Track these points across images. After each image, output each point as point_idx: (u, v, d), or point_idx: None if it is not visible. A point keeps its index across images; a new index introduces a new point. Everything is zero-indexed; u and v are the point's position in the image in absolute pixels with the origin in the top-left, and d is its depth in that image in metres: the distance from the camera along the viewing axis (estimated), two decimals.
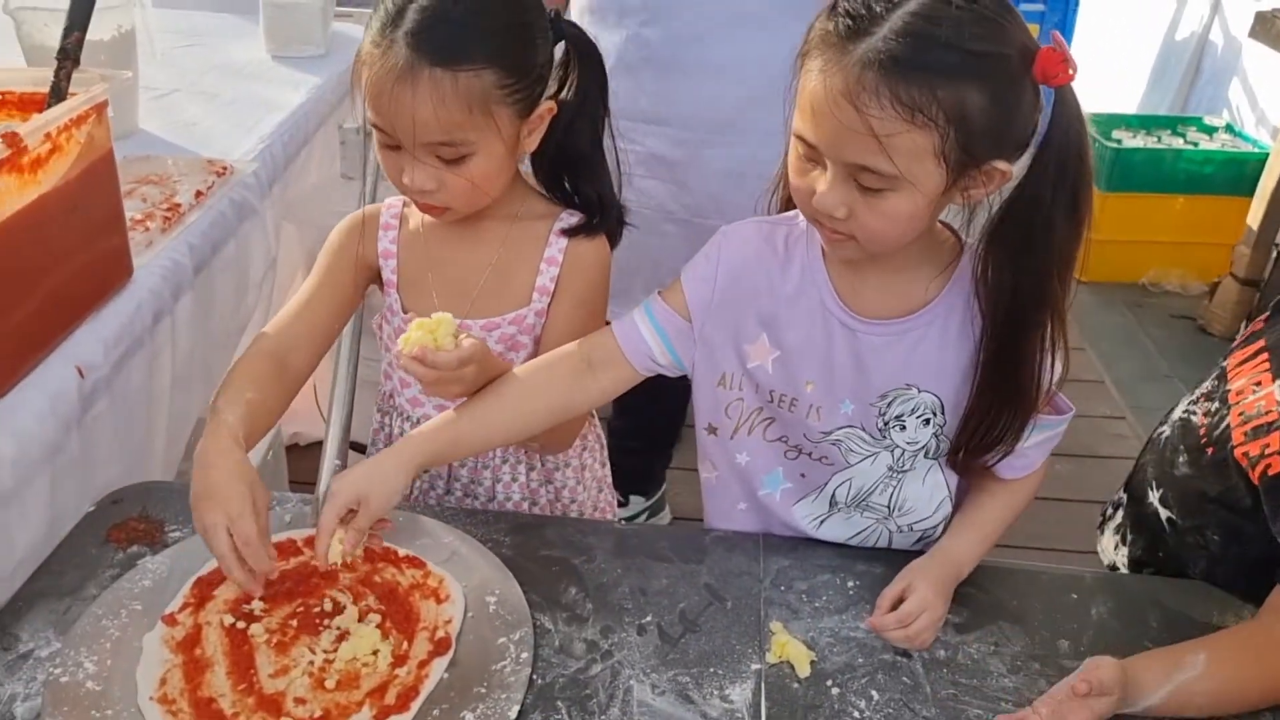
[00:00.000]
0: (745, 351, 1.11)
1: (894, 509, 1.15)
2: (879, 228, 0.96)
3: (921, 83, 0.86)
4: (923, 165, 0.90)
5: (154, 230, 1.44)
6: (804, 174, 0.97)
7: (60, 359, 1.17)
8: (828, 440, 1.11)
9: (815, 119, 0.92)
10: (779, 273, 1.09)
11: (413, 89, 1.02)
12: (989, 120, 0.89)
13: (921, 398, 1.08)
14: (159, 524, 1.16)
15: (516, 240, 1.20)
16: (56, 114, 1.14)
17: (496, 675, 0.98)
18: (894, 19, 0.87)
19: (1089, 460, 2.64)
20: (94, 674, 0.96)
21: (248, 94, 2.05)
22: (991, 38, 0.88)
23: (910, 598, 1.04)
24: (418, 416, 1.25)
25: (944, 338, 1.06)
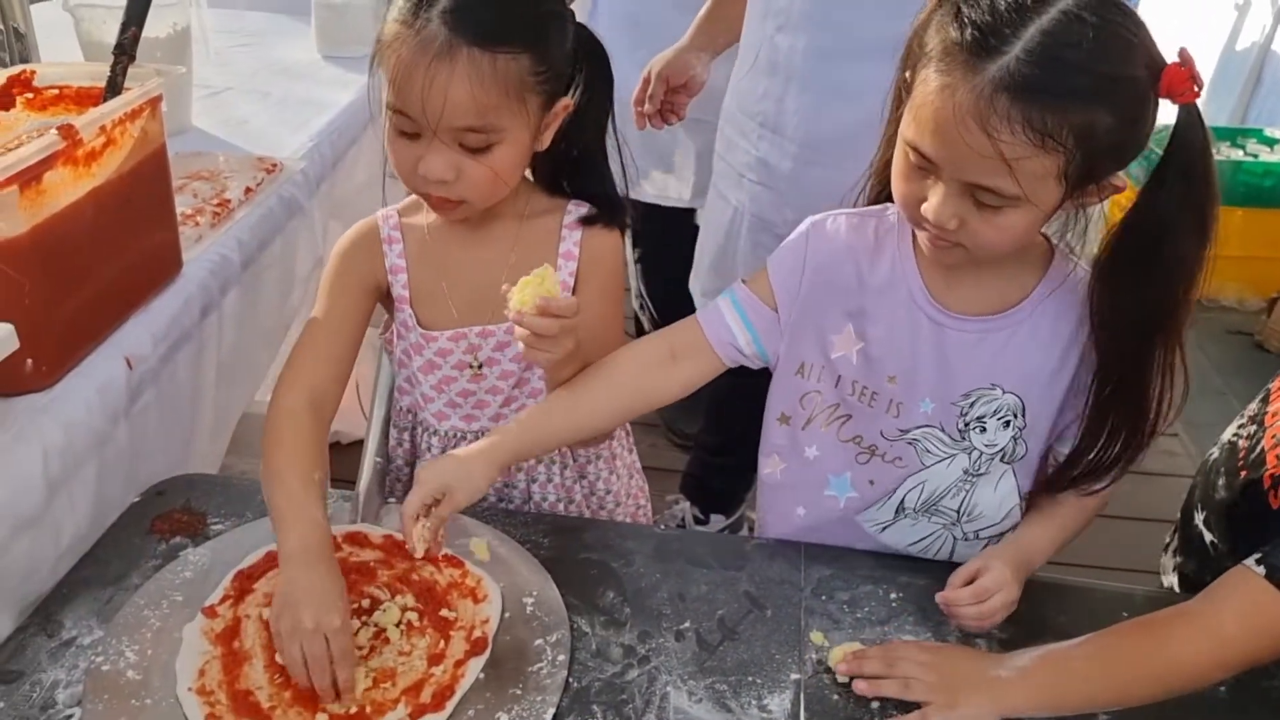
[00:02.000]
0: (830, 342, 1.10)
1: (963, 514, 1.13)
2: (992, 239, 0.94)
3: (1055, 109, 0.85)
4: (1045, 185, 0.89)
5: (204, 225, 1.45)
6: (914, 180, 0.95)
7: (109, 350, 1.18)
8: (904, 439, 1.09)
9: (938, 136, 0.90)
10: (868, 264, 1.08)
11: (450, 68, 0.98)
12: (1114, 140, 0.88)
13: (1005, 399, 1.06)
14: (201, 516, 1.17)
15: (529, 238, 1.17)
16: (111, 108, 1.15)
17: (533, 677, 0.97)
18: (1028, 37, 0.85)
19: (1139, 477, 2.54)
20: (134, 663, 0.97)
21: (298, 93, 2.07)
22: (1123, 58, 0.86)
23: (986, 575, 1.01)
24: (445, 429, 1.23)
25: (1033, 339, 1.04)
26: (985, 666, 0.96)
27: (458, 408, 1.22)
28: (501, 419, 1.21)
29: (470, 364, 1.18)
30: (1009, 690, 0.94)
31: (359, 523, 1.15)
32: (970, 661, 0.99)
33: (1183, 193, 0.90)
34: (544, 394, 1.18)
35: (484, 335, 1.17)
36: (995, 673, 0.95)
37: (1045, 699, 0.94)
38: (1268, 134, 3.65)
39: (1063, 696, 0.94)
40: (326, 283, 1.17)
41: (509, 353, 1.17)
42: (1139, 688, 0.94)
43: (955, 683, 0.95)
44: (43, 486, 1.05)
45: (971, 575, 1.02)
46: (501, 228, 1.17)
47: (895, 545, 1.16)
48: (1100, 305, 0.98)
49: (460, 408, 1.21)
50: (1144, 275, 0.94)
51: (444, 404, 1.22)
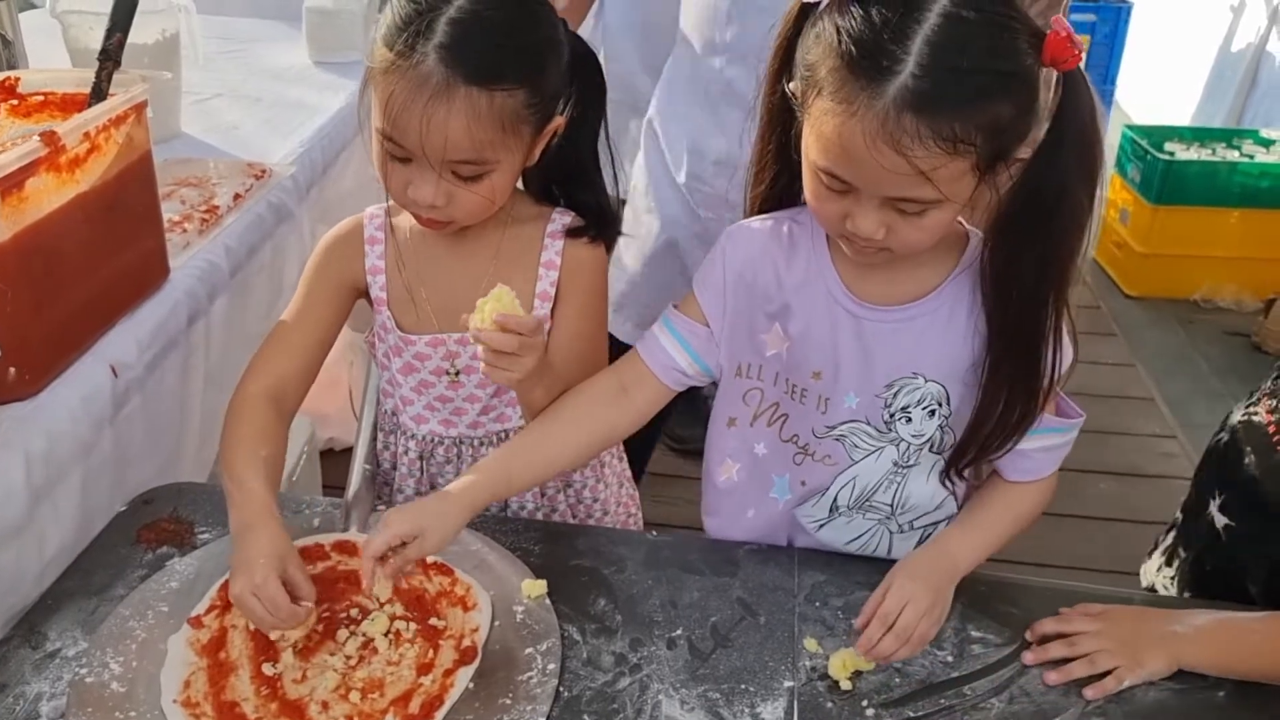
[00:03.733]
0: (762, 341, 1.10)
1: (897, 508, 1.12)
2: (918, 239, 0.95)
3: (960, 115, 0.86)
4: (962, 182, 0.90)
5: (191, 232, 1.44)
6: (832, 201, 0.95)
7: (94, 358, 1.17)
8: (832, 435, 1.09)
9: (851, 162, 0.90)
10: (784, 264, 1.08)
11: (447, 108, 0.97)
12: (1018, 123, 0.89)
13: (928, 388, 1.05)
14: (189, 525, 1.16)
15: (511, 247, 1.16)
16: (95, 114, 1.14)
17: (522, 686, 0.96)
18: (916, 51, 0.85)
19: (1136, 479, 2.58)
20: (119, 675, 0.96)
21: (289, 99, 2.06)
22: (1011, 48, 0.87)
23: (886, 599, 1.01)
24: (423, 433, 1.22)
25: (950, 324, 1.04)
26: (1160, 623, 1.02)
27: (436, 412, 1.21)
28: (479, 426, 1.20)
29: (448, 370, 1.17)
30: (1187, 645, 1.00)
31: (348, 531, 1.14)
32: (1143, 620, 1.03)
33: (1076, 157, 0.91)
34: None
35: (462, 343, 1.16)
36: (1171, 628, 1.01)
37: (1217, 660, 1.00)
38: (1263, 135, 3.64)
39: (1236, 661, 1.00)
40: (305, 277, 1.17)
41: None
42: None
43: (1136, 642, 1.00)
44: (26, 496, 1.04)
45: (877, 603, 1.01)
46: (483, 235, 1.15)
47: (834, 543, 1.16)
48: (992, 270, 0.98)
49: (439, 412, 1.21)
50: (1038, 237, 0.95)
51: (423, 407, 1.21)
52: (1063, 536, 2.34)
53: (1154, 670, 0.99)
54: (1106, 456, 2.60)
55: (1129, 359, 3.14)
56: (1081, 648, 1.01)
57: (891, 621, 0.99)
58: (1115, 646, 1.00)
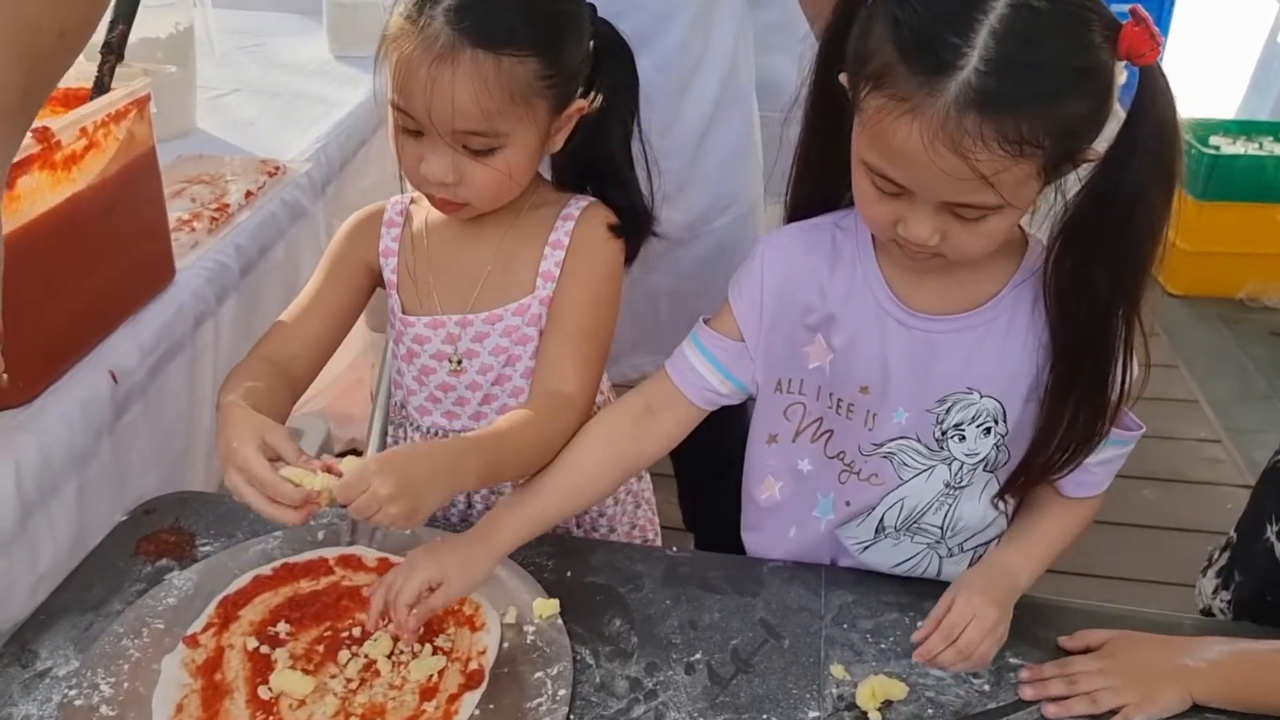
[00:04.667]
0: (805, 354, 1.04)
1: (947, 530, 1.06)
2: (976, 247, 0.89)
3: (1027, 116, 0.79)
4: (1026, 186, 0.84)
5: (200, 231, 1.40)
6: (884, 204, 0.89)
7: (93, 363, 1.13)
8: (880, 453, 1.02)
9: (908, 165, 0.84)
10: (828, 274, 1.02)
11: (452, 70, 0.95)
12: (1089, 123, 0.83)
13: (983, 404, 0.99)
14: (190, 537, 1.11)
15: (520, 229, 1.12)
16: (93, 109, 1.10)
17: (531, 714, 0.91)
18: (981, 44, 0.78)
19: (1180, 486, 2.49)
20: (109, 698, 0.91)
21: (308, 93, 2.02)
22: (1084, 44, 0.80)
23: (952, 611, 0.95)
24: (427, 425, 1.18)
25: (1009, 336, 0.97)
26: (1171, 655, 0.95)
27: (439, 403, 1.16)
28: (482, 417, 1.16)
29: (450, 356, 1.13)
30: (1200, 679, 0.93)
31: (353, 545, 1.09)
32: (1152, 651, 0.96)
33: (1153, 159, 0.84)
34: (525, 393, 1.13)
35: (462, 324, 1.12)
36: (1183, 661, 0.94)
37: (1236, 696, 0.93)
38: None
39: (1254, 696, 0.93)
40: (324, 257, 1.16)
41: (488, 345, 1.12)
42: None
43: (1146, 677, 0.93)
44: (16, 507, 1.00)
45: (940, 615, 0.96)
46: (497, 221, 1.11)
47: (879, 567, 1.09)
48: (1058, 280, 0.91)
49: (441, 403, 1.16)
50: (1109, 245, 0.88)
51: (425, 398, 1.17)
52: (1105, 545, 2.25)
53: (1166, 705, 0.91)
54: (1149, 462, 2.51)
55: (1172, 360, 3.04)
56: (1082, 685, 0.93)
57: (955, 636, 0.93)
58: (1123, 683, 0.93)
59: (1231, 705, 0.92)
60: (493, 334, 1.12)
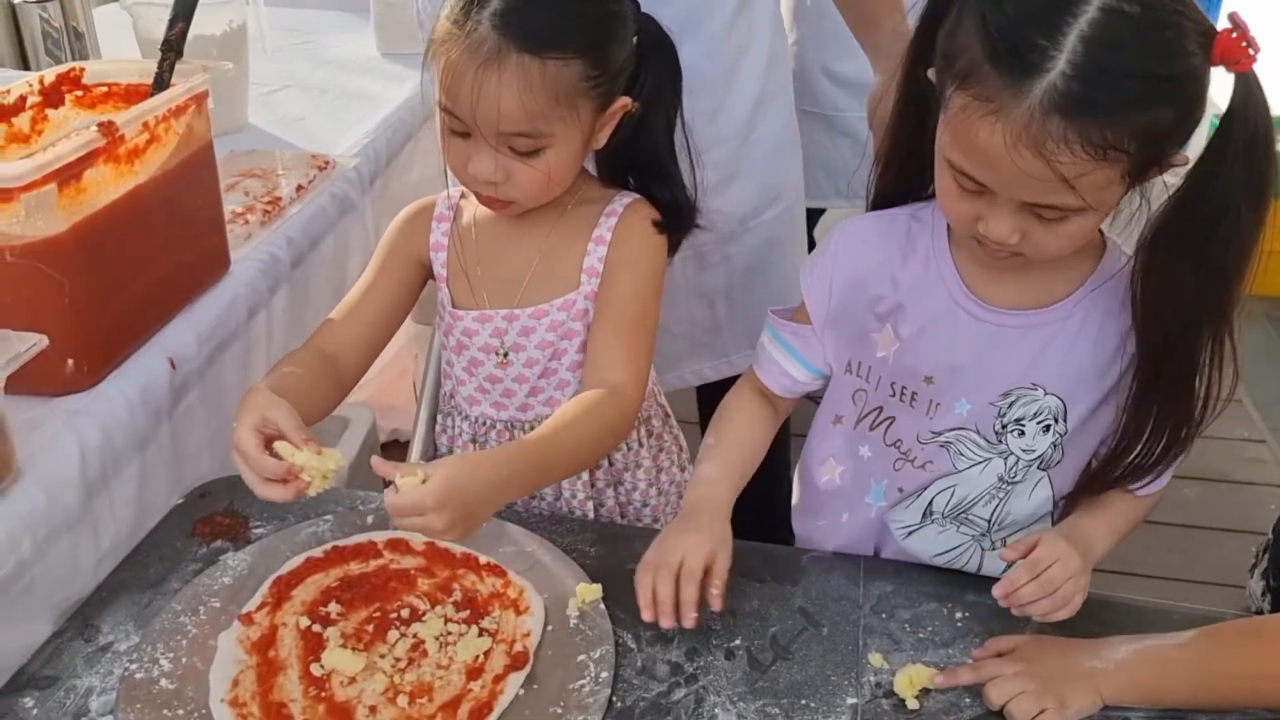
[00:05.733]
0: (873, 341, 1.06)
1: (994, 524, 1.07)
2: (1056, 247, 0.90)
3: (1112, 121, 0.79)
4: (1109, 190, 0.85)
5: (253, 223, 1.44)
6: (966, 201, 0.90)
7: (152, 350, 1.16)
8: (937, 441, 1.04)
9: (989, 165, 0.84)
10: (901, 263, 1.03)
11: (498, 74, 0.97)
12: (1177, 129, 0.82)
13: (1046, 400, 0.99)
14: (244, 519, 1.15)
15: (565, 225, 1.14)
16: (155, 104, 1.13)
17: (574, 695, 0.93)
18: (1069, 48, 0.78)
19: (1223, 485, 2.47)
20: (169, 671, 0.95)
21: (356, 90, 2.06)
22: (1176, 51, 0.80)
23: (1038, 548, 0.93)
24: (475, 415, 1.21)
25: (1080, 337, 0.97)
26: (1080, 658, 0.93)
27: (487, 393, 1.19)
28: (529, 409, 1.19)
29: (496, 350, 1.16)
30: (1108, 681, 0.92)
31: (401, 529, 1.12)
32: (1062, 655, 0.94)
33: (1244, 169, 0.83)
34: (571, 386, 1.15)
35: (510, 319, 1.15)
36: (1092, 664, 0.93)
37: (1144, 695, 0.92)
38: None
39: (1160, 694, 0.92)
40: (377, 250, 1.19)
41: (534, 339, 1.15)
42: (1239, 698, 0.92)
43: (1058, 681, 0.91)
44: (80, 488, 1.03)
45: (1024, 551, 0.94)
46: (543, 216, 1.14)
47: (920, 554, 1.10)
48: (1144, 289, 0.91)
49: (489, 394, 1.19)
50: (1197, 257, 0.87)
51: (474, 389, 1.20)
52: (1147, 545, 2.24)
53: (1079, 709, 0.90)
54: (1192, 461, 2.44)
55: None
56: (995, 697, 0.91)
57: (1040, 571, 0.92)
58: (1038, 686, 0.90)
59: (1140, 703, 0.92)
60: (538, 328, 1.14)
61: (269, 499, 0.94)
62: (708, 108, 1.34)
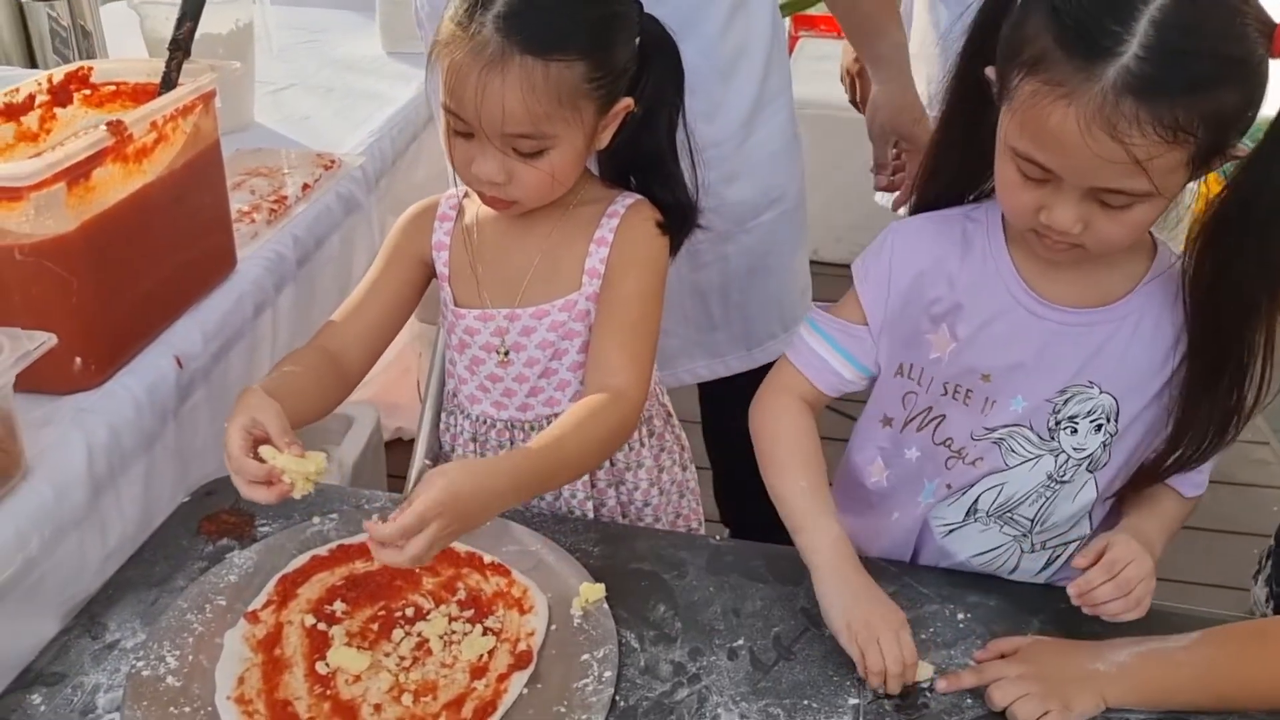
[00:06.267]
0: (927, 342, 1.06)
1: (1037, 524, 1.07)
2: (1120, 236, 0.90)
3: (1184, 103, 0.81)
4: (1176, 175, 0.85)
5: (260, 222, 1.44)
6: (1029, 190, 0.90)
7: (159, 348, 1.17)
8: (990, 438, 1.04)
9: (1059, 148, 0.85)
10: (957, 264, 1.03)
11: (502, 76, 0.97)
12: (1241, 115, 0.84)
13: (1100, 399, 1.00)
14: (249, 518, 1.15)
15: (567, 225, 1.14)
16: (163, 103, 1.14)
17: (578, 694, 0.94)
18: (1141, 31, 0.80)
19: (1226, 487, 2.46)
20: (175, 669, 0.95)
21: (362, 89, 2.06)
22: (1241, 33, 0.82)
23: (1111, 549, 0.94)
24: (476, 414, 1.21)
25: (1136, 335, 0.98)
26: (1083, 660, 0.94)
27: (487, 392, 1.20)
28: (529, 409, 1.19)
29: (497, 348, 1.16)
30: (1112, 685, 0.92)
31: None
32: (1065, 657, 0.95)
33: None
34: (572, 386, 1.16)
35: (511, 319, 1.15)
36: (1095, 666, 0.93)
37: (1147, 698, 0.93)
38: None
39: (1165, 696, 0.93)
40: (381, 249, 1.20)
41: (535, 339, 1.15)
42: (1244, 699, 0.93)
43: (1061, 684, 0.92)
44: (88, 486, 1.04)
45: (1095, 557, 0.95)
46: (545, 216, 1.14)
47: (958, 554, 1.11)
48: (1197, 285, 0.92)
49: (490, 393, 1.20)
50: (1252, 251, 0.88)
51: (475, 387, 1.20)
52: None
53: (1083, 711, 0.91)
54: None
55: None
56: (998, 699, 0.92)
57: (1116, 572, 0.93)
58: (1042, 689, 0.91)
59: (1143, 706, 0.92)
60: (539, 328, 1.14)
61: (254, 500, 0.95)
62: (704, 108, 1.35)
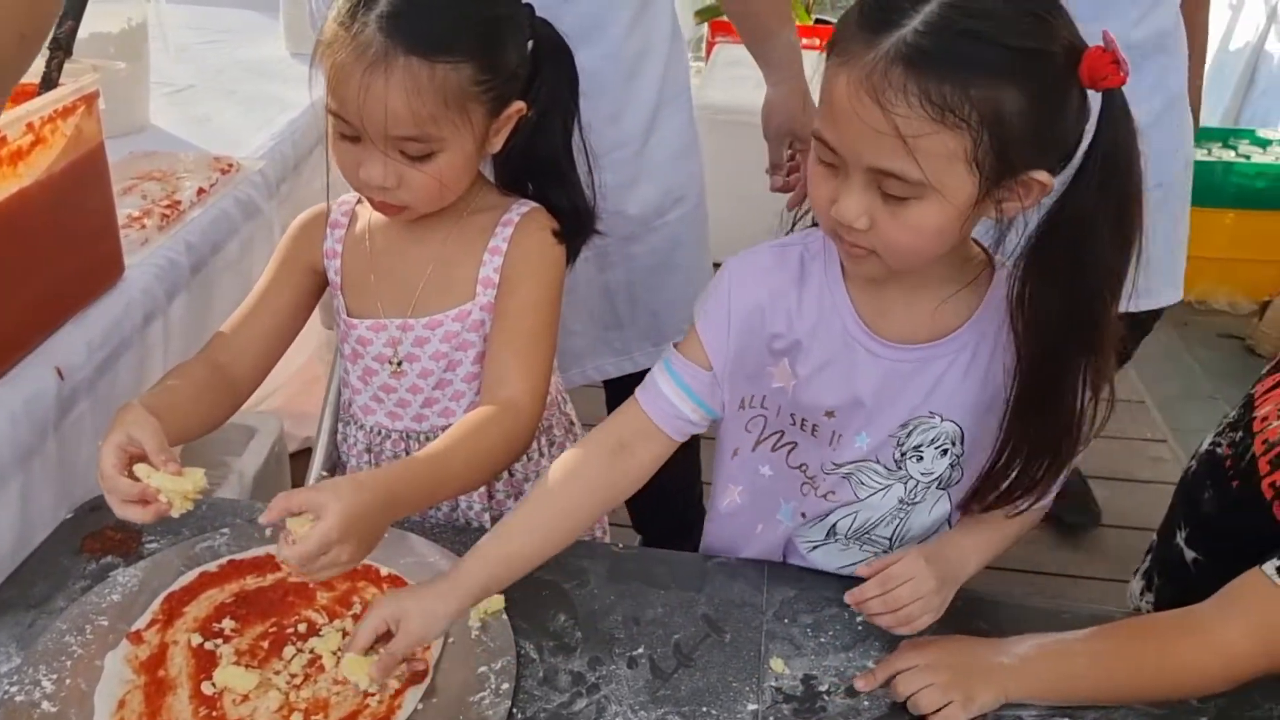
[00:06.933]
0: (769, 373, 1.04)
1: (895, 541, 1.08)
2: (904, 241, 0.87)
3: (954, 79, 0.79)
4: (953, 171, 0.82)
5: (150, 228, 1.39)
6: (824, 180, 0.89)
7: (39, 359, 1.12)
8: (839, 473, 1.04)
9: (837, 118, 0.84)
10: (795, 301, 1.01)
11: (385, 77, 0.95)
12: (1028, 124, 0.81)
13: (943, 427, 1.00)
14: (135, 534, 1.11)
15: (461, 234, 1.13)
16: (39, 105, 1.09)
17: (474, 708, 0.92)
18: (928, 9, 0.80)
19: (1127, 484, 2.54)
20: (51, 694, 0.92)
21: (264, 91, 2.01)
22: (1034, 34, 0.80)
23: (895, 565, 0.96)
24: (370, 425, 1.19)
25: (974, 363, 0.97)
26: (987, 653, 0.96)
27: (381, 403, 1.18)
28: (424, 420, 1.17)
29: (390, 359, 1.14)
30: (1013, 677, 0.94)
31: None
32: (971, 650, 0.97)
33: (1102, 188, 0.83)
34: (467, 397, 1.14)
35: (404, 329, 1.13)
36: (998, 659, 0.95)
37: (1047, 690, 0.94)
38: (1260, 135, 3.60)
39: (1063, 690, 0.94)
40: (272, 258, 1.17)
41: (428, 350, 1.13)
42: (1141, 693, 0.95)
43: (966, 674, 0.94)
44: None
45: (878, 568, 0.97)
46: (438, 223, 1.12)
47: (826, 567, 1.11)
48: (1017, 312, 0.90)
49: (384, 403, 1.18)
50: (1063, 280, 0.87)
51: (369, 398, 1.18)
52: (1050, 542, 2.30)
53: (983, 704, 0.92)
54: (1096, 460, 2.56)
55: None
56: (903, 688, 0.94)
57: (889, 588, 0.95)
58: (945, 680, 0.93)
59: (1044, 697, 0.94)
60: (433, 339, 1.12)
61: (129, 519, 0.91)
62: (608, 111, 1.34)
